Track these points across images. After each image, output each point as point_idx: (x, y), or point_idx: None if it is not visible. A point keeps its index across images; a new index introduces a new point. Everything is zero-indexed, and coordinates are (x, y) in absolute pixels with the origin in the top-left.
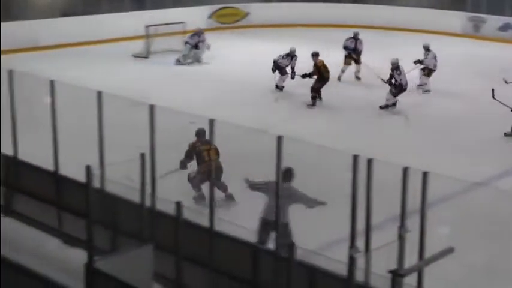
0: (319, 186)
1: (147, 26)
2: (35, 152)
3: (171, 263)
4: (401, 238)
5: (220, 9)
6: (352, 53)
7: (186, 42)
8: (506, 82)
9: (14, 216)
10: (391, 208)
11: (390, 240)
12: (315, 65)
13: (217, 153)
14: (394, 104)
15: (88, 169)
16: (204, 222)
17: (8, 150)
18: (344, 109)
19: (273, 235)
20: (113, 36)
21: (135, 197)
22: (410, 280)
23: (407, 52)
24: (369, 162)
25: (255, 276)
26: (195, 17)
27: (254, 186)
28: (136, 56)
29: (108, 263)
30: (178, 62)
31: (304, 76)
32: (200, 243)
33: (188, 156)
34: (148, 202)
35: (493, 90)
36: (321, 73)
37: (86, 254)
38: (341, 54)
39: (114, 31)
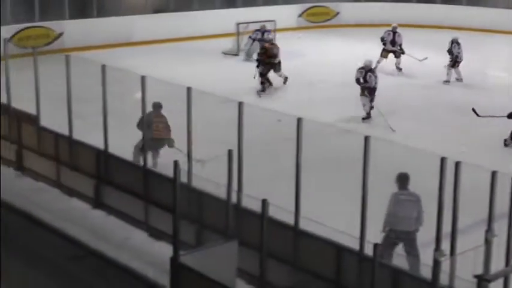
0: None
1: (238, 24)
2: (125, 146)
3: (255, 259)
4: (487, 242)
5: (311, 8)
6: (390, 46)
7: (249, 37)
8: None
9: (103, 209)
10: (478, 212)
11: (476, 244)
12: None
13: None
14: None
15: (175, 164)
16: (290, 220)
17: (99, 144)
18: (426, 109)
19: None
20: (204, 33)
21: (221, 193)
22: (496, 286)
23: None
24: (457, 165)
25: (338, 275)
26: (285, 15)
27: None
28: (226, 53)
29: (193, 257)
30: (246, 59)
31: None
32: (285, 241)
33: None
34: (234, 198)
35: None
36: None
37: (171, 248)
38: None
39: (205, 28)
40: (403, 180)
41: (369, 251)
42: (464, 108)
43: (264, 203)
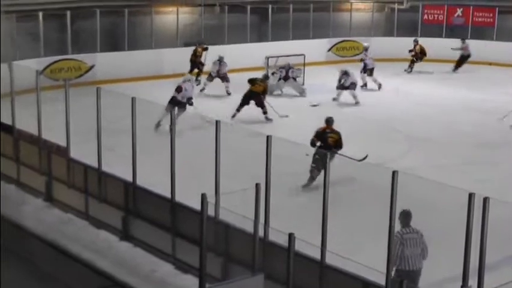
0: (433, 222)
1: (267, 57)
2: (153, 178)
3: None
4: None
5: (340, 42)
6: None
7: (274, 73)
8: None
9: (131, 241)
10: (506, 248)
11: (504, 280)
12: None
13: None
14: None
15: (203, 197)
16: (316, 254)
17: (127, 176)
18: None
19: None
20: (234, 66)
21: (248, 226)
22: None
23: None
24: (485, 200)
25: None
26: (315, 49)
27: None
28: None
29: None
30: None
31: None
32: (311, 275)
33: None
34: (261, 232)
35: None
36: None
37: (197, 281)
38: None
39: (235, 62)
40: (406, 217)
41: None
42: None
43: (291, 237)
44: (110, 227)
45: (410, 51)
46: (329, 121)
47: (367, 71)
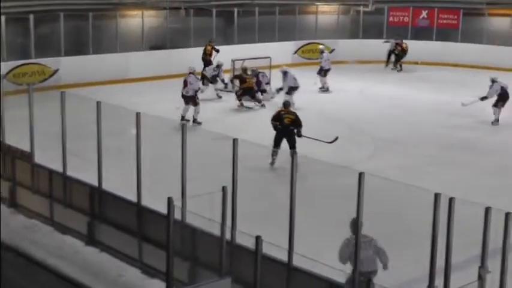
0: (399, 223)
1: (233, 60)
2: (118, 183)
3: None
4: (481, 279)
5: (306, 45)
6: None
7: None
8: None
9: (97, 246)
10: (471, 248)
11: (470, 280)
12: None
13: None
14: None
15: (169, 201)
16: (283, 256)
17: (93, 180)
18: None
19: None
20: (200, 70)
21: (215, 230)
22: None
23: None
24: (450, 201)
25: None
26: (281, 52)
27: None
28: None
29: None
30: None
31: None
32: (278, 277)
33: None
34: (228, 235)
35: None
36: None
37: (164, 285)
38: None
39: (201, 65)
40: (355, 226)
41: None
42: None
43: (258, 239)
44: (76, 232)
45: (392, 51)
46: (285, 104)
47: (322, 72)
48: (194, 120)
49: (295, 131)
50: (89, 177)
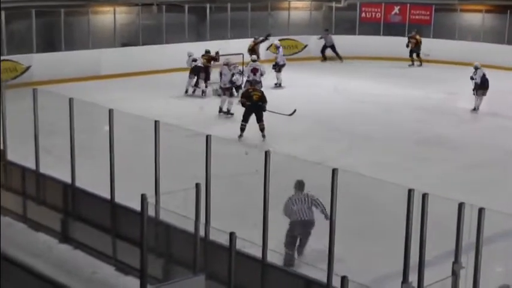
0: (373, 219)
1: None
2: (92, 180)
3: None
4: (455, 274)
5: (279, 40)
6: None
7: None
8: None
9: (70, 243)
10: (445, 244)
11: (444, 276)
12: None
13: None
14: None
15: (143, 197)
16: (257, 253)
17: (66, 178)
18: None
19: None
20: (172, 66)
21: (189, 227)
22: None
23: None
24: (424, 196)
25: None
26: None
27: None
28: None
29: None
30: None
31: None
32: (252, 274)
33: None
34: (202, 232)
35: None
36: None
37: (138, 282)
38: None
39: (174, 61)
40: (299, 186)
41: (336, 283)
42: None
43: (232, 236)
44: (49, 229)
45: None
46: (251, 82)
47: (277, 67)
48: (228, 112)
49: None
50: (62, 175)
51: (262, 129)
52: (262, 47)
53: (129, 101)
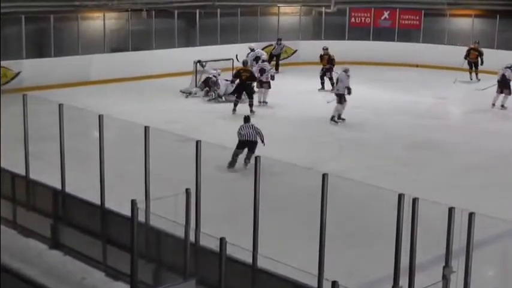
0: (363, 224)
1: (196, 62)
2: (82, 185)
3: None
4: (445, 278)
5: (268, 46)
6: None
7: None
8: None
9: (60, 249)
10: (436, 248)
11: (434, 280)
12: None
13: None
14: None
15: (133, 203)
16: (248, 258)
17: (56, 183)
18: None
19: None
20: (162, 71)
21: (179, 232)
22: None
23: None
24: (414, 201)
25: None
26: (243, 53)
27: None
28: (183, 92)
29: None
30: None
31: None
32: (243, 279)
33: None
34: (192, 237)
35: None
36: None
37: (129, 287)
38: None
39: (163, 67)
40: (246, 119)
41: None
42: None
43: (222, 241)
44: (39, 235)
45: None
46: (243, 63)
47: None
48: (264, 102)
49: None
50: (52, 180)
51: (250, 104)
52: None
53: (119, 106)
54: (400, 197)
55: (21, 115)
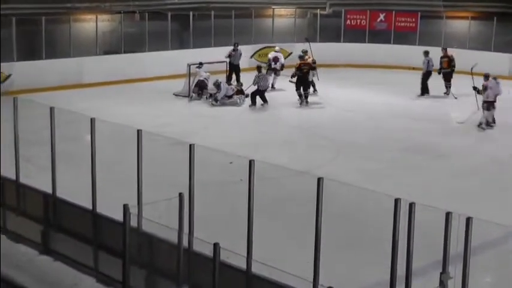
0: (359, 228)
1: (189, 65)
2: (73, 190)
3: None
4: (442, 284)
5: (262, 48)
6: None
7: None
8: None
9: (51, 255)
10: (432, 253)
11: (431, 286)
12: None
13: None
14: None
15: (125, 208)
16: (242, 264)
17: (47, 188)
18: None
19: None
20: (155, 74)
21: (172, 237)
22: None
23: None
24: (410, 206)
25: None
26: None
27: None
28: (177, 95)
29: None
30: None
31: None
32: (237, 285)
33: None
34: (185, 242)
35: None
36: None
37: None
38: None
39: (156, 69)
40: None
41: None
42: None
43: (216, 246)
44: (29, 241)
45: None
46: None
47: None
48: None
49: None
50: (42, 185)
51: (306, 96)
52: (245, 55)
53: (111, 109)
54: (397, 201)
55: (11, 118)
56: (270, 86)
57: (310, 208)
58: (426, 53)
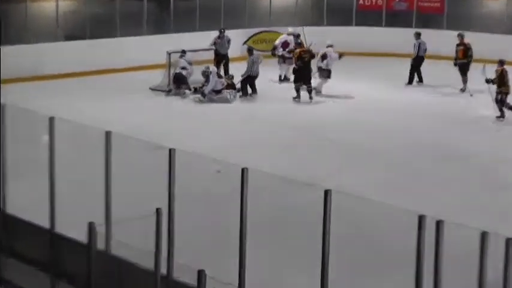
0: (376, 250)
1: (169, 53)
2: (27, 205)
3: None
4: None
5: (258, 33)
6: None
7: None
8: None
9: (1, 285)
10: (466, 280)
11: None
12: None
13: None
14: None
15: (91, 226)
16: None
17: None
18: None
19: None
20: (128, 64)
21: (148, 262)
22: None
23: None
24: (438, 224)
25: None
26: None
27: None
28: (154, 89)
29: None
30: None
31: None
32: None
33: None
34: (163, 269)
35: None
36: None
37: None
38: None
39: (129, 58)
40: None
41: None
42: None
43: (201, 274)
44: None
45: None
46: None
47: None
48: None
49: None
50: None
51: (310, 91)
52: (237, 41)
53: (74, 106)
54: (421, 218)
55: None
56: (282, 76)
57: (316, 226)
58: (418, 35)
